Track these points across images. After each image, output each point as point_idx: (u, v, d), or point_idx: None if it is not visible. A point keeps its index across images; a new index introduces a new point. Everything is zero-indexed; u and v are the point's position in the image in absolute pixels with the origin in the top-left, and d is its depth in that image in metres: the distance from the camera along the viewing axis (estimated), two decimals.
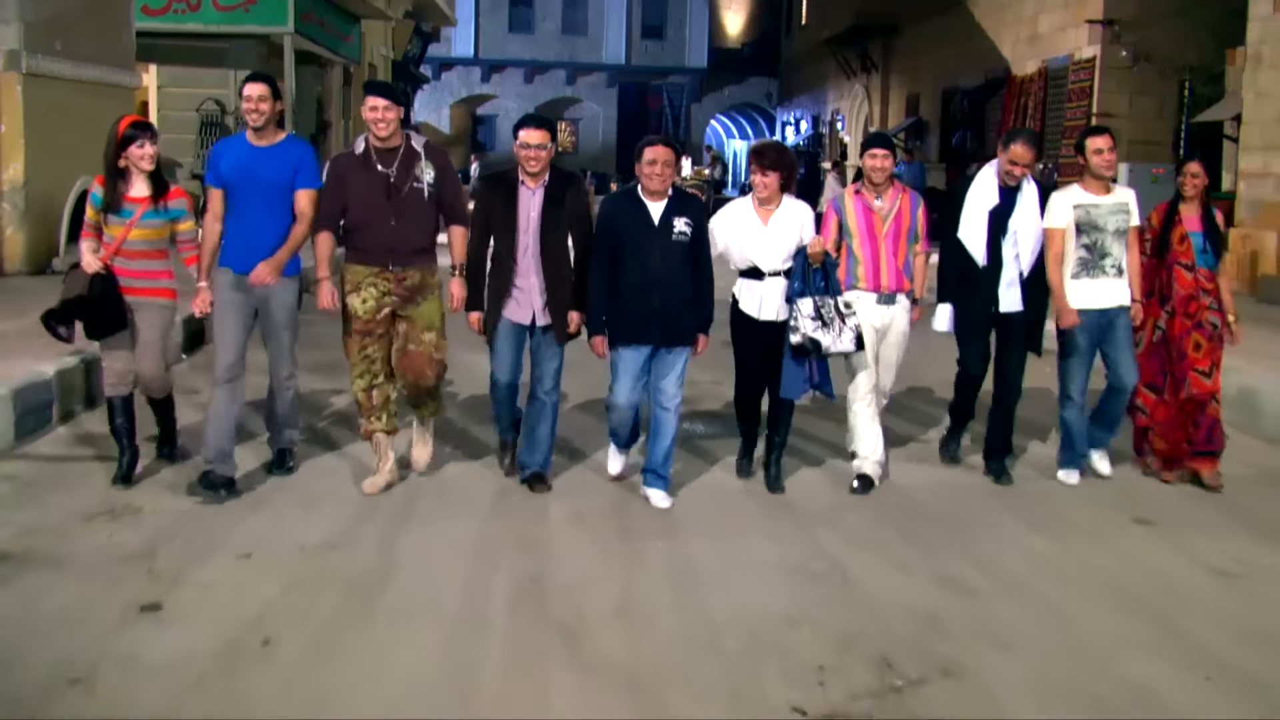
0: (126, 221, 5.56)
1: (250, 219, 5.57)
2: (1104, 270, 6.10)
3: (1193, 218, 6.30)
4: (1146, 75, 18.11)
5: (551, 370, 5.79)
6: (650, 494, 5.75)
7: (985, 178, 6.16)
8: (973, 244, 6.10)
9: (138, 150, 5.54)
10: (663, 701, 3.67)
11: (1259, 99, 13.83)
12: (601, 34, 46.82)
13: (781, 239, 5.78)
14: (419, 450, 6.05)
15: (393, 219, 5.50)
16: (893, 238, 6.05)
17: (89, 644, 3.90)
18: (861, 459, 6.11)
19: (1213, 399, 6.21)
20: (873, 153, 6.06)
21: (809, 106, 38.47)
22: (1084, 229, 6.09)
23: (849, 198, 6.18)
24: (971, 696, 3.77)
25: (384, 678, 3.75)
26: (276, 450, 6.04)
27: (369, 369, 5.68)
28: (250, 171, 5.56)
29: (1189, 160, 6.37)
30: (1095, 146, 6.05)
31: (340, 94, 24.07)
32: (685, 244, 5.59)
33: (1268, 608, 4.64)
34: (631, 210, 5.61)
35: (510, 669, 3.87)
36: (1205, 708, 3.76)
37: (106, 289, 5.54)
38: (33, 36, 10.99)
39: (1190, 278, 6.26)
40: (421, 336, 5.66)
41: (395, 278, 5.56)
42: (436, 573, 4.71)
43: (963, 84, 24.05)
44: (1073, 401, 6.18)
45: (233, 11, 18.45)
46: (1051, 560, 5.11)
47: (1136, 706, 3.76)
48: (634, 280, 5.54)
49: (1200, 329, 6.24)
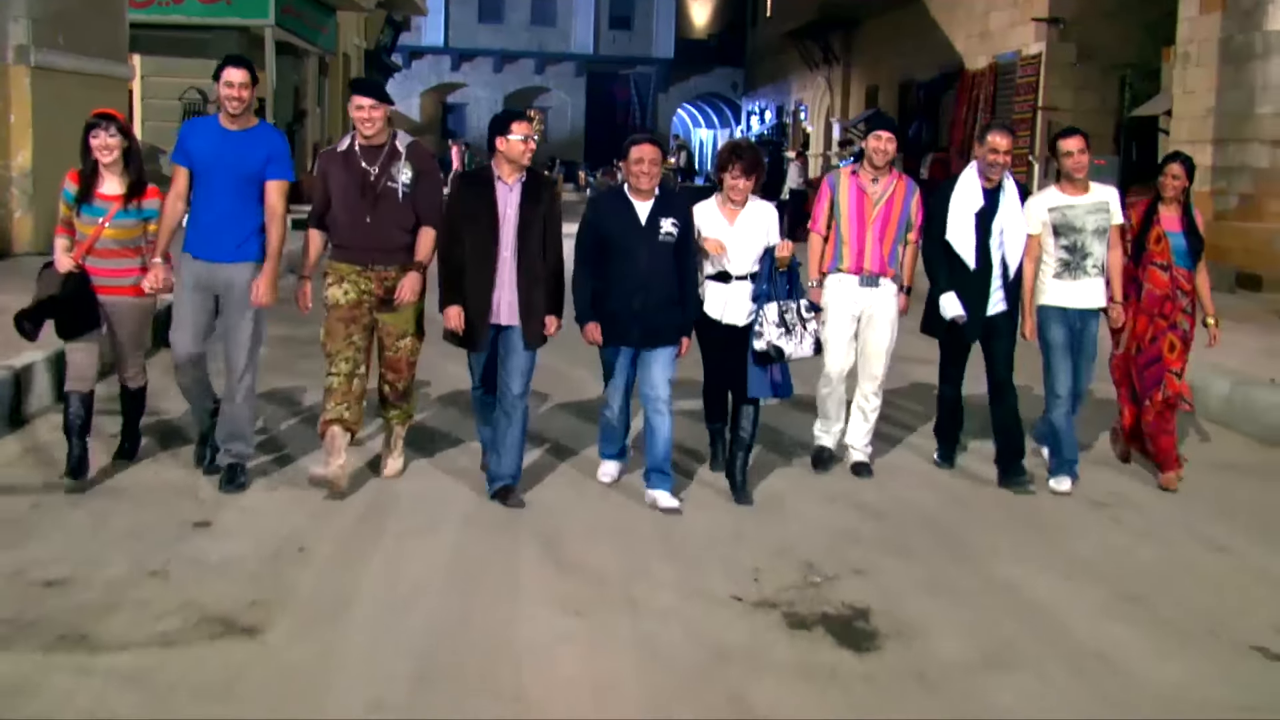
0: (99, 219, 5.46)
1: (216, 205, 5.46)
2: (1085, 271, 6.05)
3: (1172, 218, 6.25)
4: (1089, 71, 19.10)
5: (520, 373, 5.56)
6: (656, 495, 5.59)
7: (968, 179, 6.05)
8: (962, 247, 5.99)
9: (95, 140, 5.44)
10: (629, 593, 4.54)
11: (1187, 95, 14.78)
12: (570, 24, 47.50)
13: (749, 240, 5.72)
14: (390, 461, 5.92)
15: (367, 216, 5.46)
16: (881, 222, 6.02)
17: (157, 549, 4.75)
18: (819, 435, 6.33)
19: (1181, 400, 6.23)
20: (878, 134, 6.02)
21: (773, 97, 39.35)
22: (1061, 230, 6.05)
23: (844, 177, 6.15)
24: (874, 591, 4.67)
25: (397, 580, 4.61)
26: (225, 465, 5.63)
27: (354, 355, 5.54)
28: (220, 156, 5.44)
29: (1171, 160, 6.28)
30: (1066, 149, 6.02)
31: (316, 83, 24.75)
32: (672, 244, 5.55)
33: (1135, 532, 5.57)
34: (619, 210, 5.58)
35: (490, 557, 4.73)
36: (1060, 594, 4.67)
37: (78, 288, 5.43)
38: (39, 32, 11.71)
39: (1165, 278, 6.20)
40: (397, 344, 5.65)
41: (377, 277, 5.51)
42: (438, 496, 5.57)
43: (919, 77, 25.03)
44: (1059, 400, 6.06)
45: (215, 4, 19.22)
46: (960, 496, 6.03)
47: (1007, 599, 4.66)
48: (618, 281, 5.51)
49: (1175, 330, 6.21)
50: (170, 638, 3.97)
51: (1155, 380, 6.24)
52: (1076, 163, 6.01)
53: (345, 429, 5.49)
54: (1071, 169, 6.03)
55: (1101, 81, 19.12)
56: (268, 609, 4.22)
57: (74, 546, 4.76)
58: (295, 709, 3.52)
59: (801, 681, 3.87)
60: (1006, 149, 5.92)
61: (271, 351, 6.80)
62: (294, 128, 22.28)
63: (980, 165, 6.00)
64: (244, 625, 4.08)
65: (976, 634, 4.29)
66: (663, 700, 3.70)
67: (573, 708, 3.65)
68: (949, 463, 6.44)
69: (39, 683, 3.61)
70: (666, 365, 5.63)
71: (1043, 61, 19.39)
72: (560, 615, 4.30)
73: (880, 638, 4.23)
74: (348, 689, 3.66)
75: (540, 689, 3.75)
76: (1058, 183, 6.22)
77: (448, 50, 46.73)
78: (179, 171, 5.54)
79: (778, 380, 5.72)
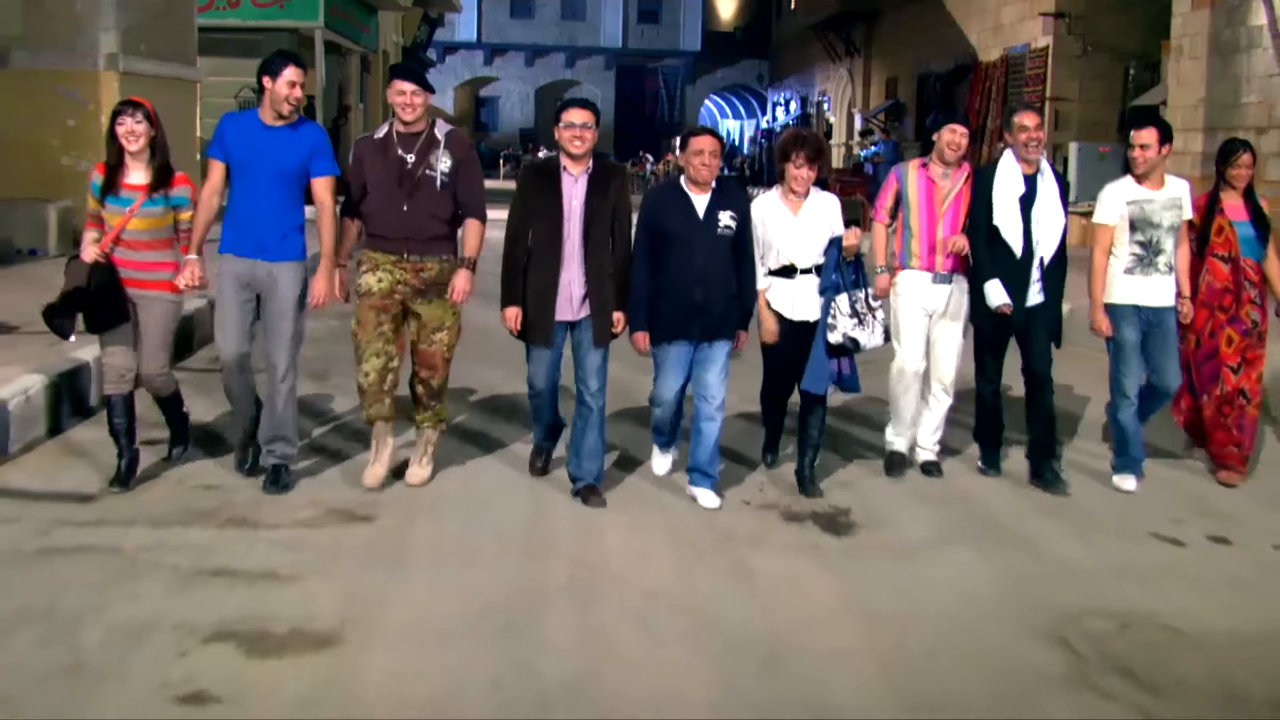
0: (125, 209, 5.36)
1: (257, 202, 5.38)
2: (1157, 267, 5.92)
3: (1237, 207, 6.15)
4: (1094, 63, 20.07)
5: (595, 370, 5.56)
6: (698, 493, 5.62)
7: (1007, 166, 5.90)
8: (1010, 234, 5.85)
9: (120, 127, 5.32)
10: (659, 500, 5.71)
11: (1180, 86, 15.75)
12: (599, 18, 48.65)
13: (814, 232, 5.65)
14: (415, 469, 5.79)
15: (404, 204, 5.39)
16: (952, 216, 5.91)
17: (240, 503, 5.53)
18: (894, 437, 6.22)
19: (1240, 396, 6.13)
20: (953, 128, 5.93)
21: (797, 88, 40.35)
22: (1138, 225, 5.90)
23: (912, 170, 6.05)
24: (856, 498, 5.81)
25: (464, 537, 5.67)
26: (270, 466, 5.60)
27: (384, 349, 5.48)
28: (261, 152, 5.35)
29: (1241, 150, 6.12)
30: (1021, 123, 5.85)
31: (358, 80, 26.07)
32: (729, 238, 5.47)
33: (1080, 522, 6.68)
34: (675, 203, 5.49)
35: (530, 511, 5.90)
36: (1006, 500, 5.81)
37: (105, 279, 5.34)
38: (125, 40, 12.96)
39: (1226, 270, 6.10)
40: (432, 337, 5.55)
41: (413, 268, 5.43)
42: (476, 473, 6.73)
43: (935, 69, 26.02)
44: (1127, 401, 5.96)
45: (269, 8, 20.56)
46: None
47: (965, 505, 5.80)
48: (677, 275, 5.42)
49: (1235, 324, 6.12)
50: (311, 522, 5.19)
51: (1213, 375, 6.18)
52: (1142, 157, 5.86)
53: (386, 421, 5.61)
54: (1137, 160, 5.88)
55: (1106, 73, 20.07)
56: (376, 504, 5.44)
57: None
58: (412, 569, 4.72)
59: (791, 553, 5.05)
60: (1036, 125, 5.84)
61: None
62: (339, 123, 23.60)
63: (1016, 150, 5.88)
64: (361, 515, 5.30)
65: (934, 525, 5.44)
66: (684, 563, 4.88)
67: (617, 569, 4.83)
68: (995, 469, 6.26)
69: (220, 546, 4.83)
70: (723, 367, 5.57)
71: (1050, 54, 20.39)
72: (605, 512, 5.49)
73: (856, 527, 5.40)
74: (444, 555, 4.87)
75: (594, 555, 4.95)
76: (1133, 173, 6.00)
77: (480, 45, 48.04)
78: (215, 165, 5.47)
79: (846, 373, 5.75)
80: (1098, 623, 4.37)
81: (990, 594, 4.66)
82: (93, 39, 12.69)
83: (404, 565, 4.74)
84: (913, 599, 4.59)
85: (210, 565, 4.63)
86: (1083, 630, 4.29)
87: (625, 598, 4.49)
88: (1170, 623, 4.39)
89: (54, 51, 12.60)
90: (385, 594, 4.43)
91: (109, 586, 4.38)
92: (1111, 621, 4.39)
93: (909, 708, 3.71)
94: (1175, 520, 5.60)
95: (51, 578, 4.45)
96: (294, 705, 3.57)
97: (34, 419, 6.13)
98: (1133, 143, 5.89)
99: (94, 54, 12.68)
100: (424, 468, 5.80)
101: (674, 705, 3.68)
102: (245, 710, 3.53)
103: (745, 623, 4.30)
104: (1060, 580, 4.82)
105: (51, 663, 3.76)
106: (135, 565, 4.60)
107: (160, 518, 5.16)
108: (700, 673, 3.89)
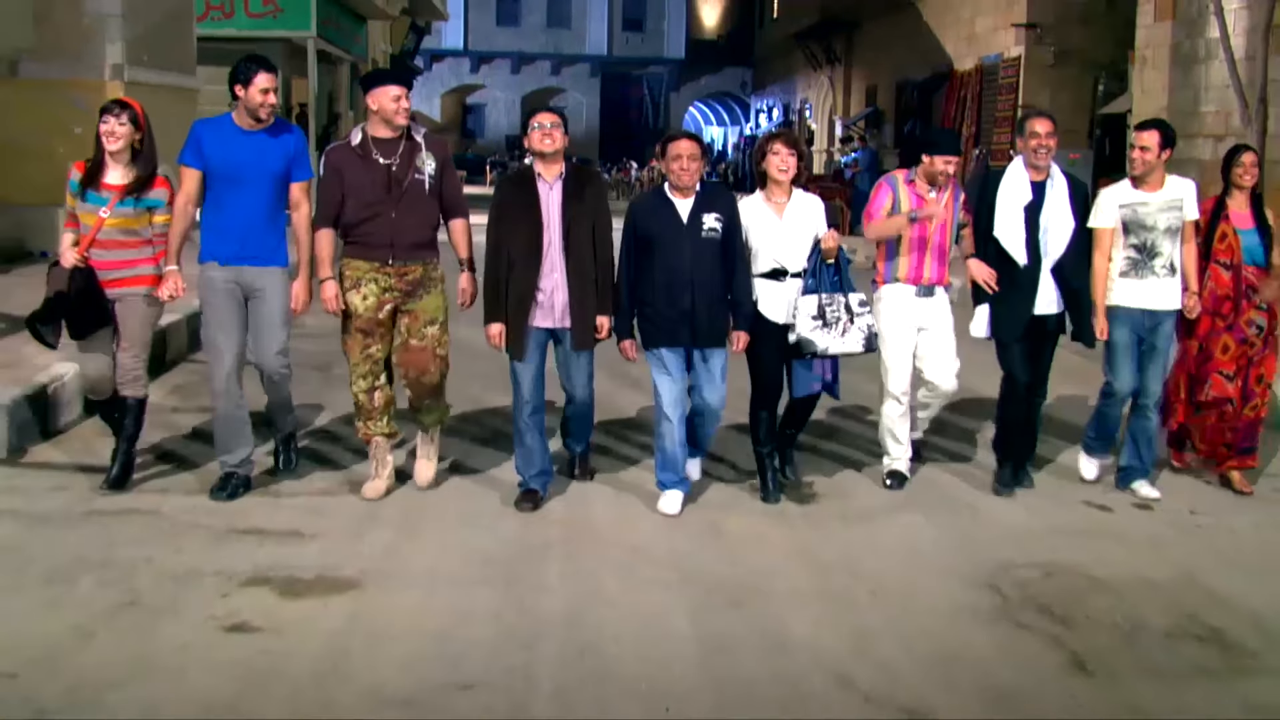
0: (99, 208, 5.36)
1: (237, 208, 5.36)
2: (1153, 270, 5.91)
3: (1243, 214, 6.12)
4: (1064, 72, 20.73)
5: (583, 378, 5.68)
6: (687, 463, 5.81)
7: (1015, 172, 5.91)
8: (1011, 243, 5.85)
9: (103, 126, 5.32)
10: (640, 479, 6.29)
11: (1144, 95, 16.39)
12: (585, 26, 49.24)
13: (800, 232, 5.64)
14: (422, 466, 5.83)
15: (393, 212, 5.34)
16: (940, 233, 5.92)
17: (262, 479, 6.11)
18: (892, 460, 6.17)
19: (1228, 403, 6.16)
20: (948, 159, 5.84)
21: (780, 95, 41.02)
22: (1131, 228, 5.92)
23: (902, 184, 5.98)
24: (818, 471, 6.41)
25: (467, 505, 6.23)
26: (281, 438, 5.94)
27: (372, 369, 5.52)
28: (240, 158, 5.33)
29: (1242, 151, 6.13)
30: (1033, 129, 5.86)
31: (348, 88, 26.61)
32: (716, 241, 5.44)
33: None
34: (659, 209, 5.48)
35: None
36: (958, 473, 6.40)
37: (85, 283, 5.38)
38: (130, 51, 13.53)
39: (1228, 277, 6.09)
40: (424, 330, 5.50)
41: (397, 272, 5.39)
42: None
43: (913, 77, 26.69)
44: (1114, 396, 6.06)
45: (262, 18, 21.09)
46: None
47: (917, 485, 6.40)
48: (664, 281, 5.40)
49: (1232, 331, 6.11)
50: (328, 492, 5.76)
51: (1203, 380, 6.23)
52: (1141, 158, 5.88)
53: (387, 437, 5.68)
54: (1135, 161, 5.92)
55: (1076, 82, 20.70)
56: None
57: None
58: (421, 530, 5.30)
59: (757, 516, 5.65)
60: (1048, 132, 5.80)
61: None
62: (329, 131, 24.14)
63: (1026, 157, 5.89)
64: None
65: (890, 497, 6.04)
66: (663, 525, 5.48)
67: (603, 530, 5.42)
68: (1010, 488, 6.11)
69: (248, 510, 5.42)
70: (719, 367, 5.57)
71: (1022, 63, 21.06)
72: (593, 484, 6.08)
73: (819, 497, 6.00)
74: (450, 520, 5.45)
75: (582, 518, 5.56)
76: (1131, 176, 6.03)
77: (467, 53, 48.60)
78: (190, 174, 5.37)
79: (828, 379, 5.79)
80: (1025, 572, 4.99)
81: (933, 550, 5.28)
82: (99, 50, 13.26)
83: (413, 527, 5.34)
84: (863, 552, 5.20)
85: (241, 526, 5.22)
86: (1011, 578, 4.91)
87: (610, 552, 5.10)
88: (1089, 571, 5.01)
89: (62, 62, 13.16)
90: (398, 549, 5.04)
91: (153, 541, 4.97)
92: (1037, 570, 5.01)
93: (851, 637, 4.31)
94: (1106, 490, 6.21)
95: (102, 534, 5.04)
96: (325, 634, 4.17)
97: (70, 403, 6.69)
98: (1134, 144, 5.93)
99: (100, 64, 13.26)
100: (430, 463, 5.85)
101: (652, 634, 4.28)
102: (285, 638, 4.12)
103: (715, 571, 4.91)
104: (997, 539, 5.43)
105: (114, 600, 4.36)
106: (175, 525, 5.20)
107: (192, 487, 5.74)
108: (675, 609, 4.50)
